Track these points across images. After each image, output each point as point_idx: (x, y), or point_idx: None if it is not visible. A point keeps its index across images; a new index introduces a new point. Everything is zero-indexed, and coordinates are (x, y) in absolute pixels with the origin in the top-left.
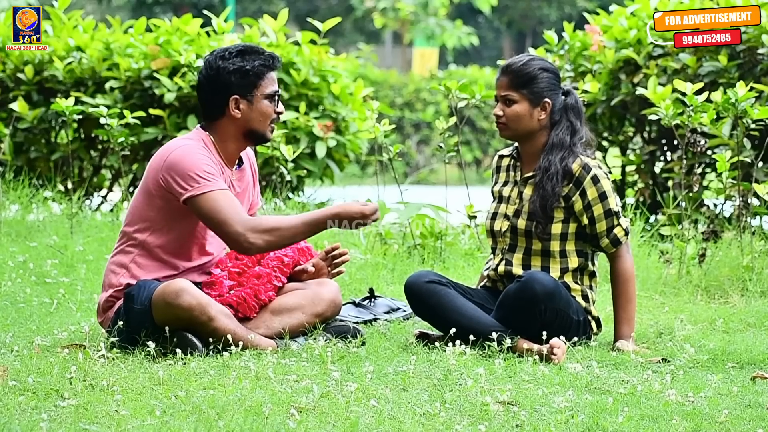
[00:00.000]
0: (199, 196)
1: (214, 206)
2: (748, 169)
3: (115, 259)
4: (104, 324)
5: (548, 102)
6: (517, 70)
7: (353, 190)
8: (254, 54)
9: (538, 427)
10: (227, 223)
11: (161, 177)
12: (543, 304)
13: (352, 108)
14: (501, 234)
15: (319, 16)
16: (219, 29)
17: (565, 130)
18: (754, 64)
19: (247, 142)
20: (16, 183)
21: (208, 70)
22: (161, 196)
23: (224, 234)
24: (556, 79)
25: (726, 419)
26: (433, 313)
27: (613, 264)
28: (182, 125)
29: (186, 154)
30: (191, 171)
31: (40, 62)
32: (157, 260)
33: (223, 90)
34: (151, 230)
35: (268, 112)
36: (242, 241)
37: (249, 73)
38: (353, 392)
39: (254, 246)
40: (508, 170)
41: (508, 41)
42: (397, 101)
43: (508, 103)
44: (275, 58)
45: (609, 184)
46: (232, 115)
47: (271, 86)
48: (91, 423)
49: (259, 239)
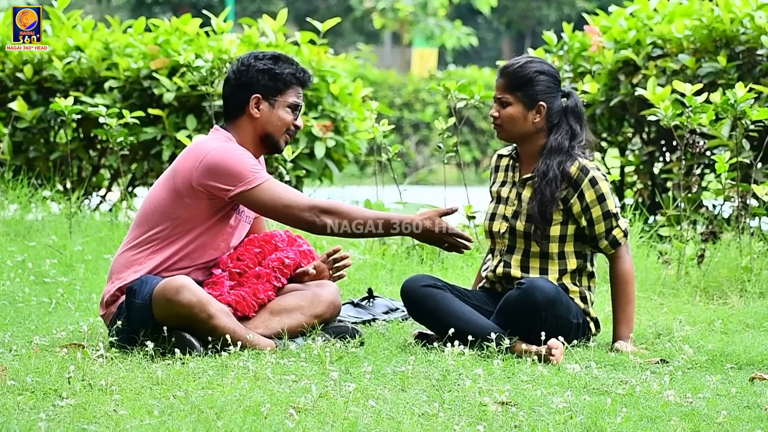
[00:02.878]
0: (253, 189)
1: (272, 195)
2: (747, 170)
3: (126, 254)
4: (106, 318)
5: (543, 105)
6: (513, 72)
7: (352, 190)
8: (288, 63)
9: (537, 427)
10: (291, 207)
11: (198, 179)
12: (544, 311)
13: (351, 108)
14: (500, 235)
15: (318, 17)
16: (218, 29)
17: (565, 134)
18: (753, 65)
19: (261, 147)
20: (15, 182)
21: (239, 65)
22: (193, 195)
23: (292, 218)
24: (554, 82)
25: (724, 420)
26: (430, 317)
27: (613, 265)
28: (181, 125)
29: (225, 151)
30: (237, 167)
31: (39, 62)
32: (168, 255)
33: (248, 87)
34: (173, 226)
35: (286, 120)
36: (310, 219)
37: (277, 78)
38: (352, 392)
39: (327, 226)
40: (507, 170)
41: (508, 42)
42: (396, 101)
43: (503, 105)
44: (307, 74)
45: (607, 186)
46: (252, 114)
47: (295, 97)
48: (89, 422)
49: (327, 219)
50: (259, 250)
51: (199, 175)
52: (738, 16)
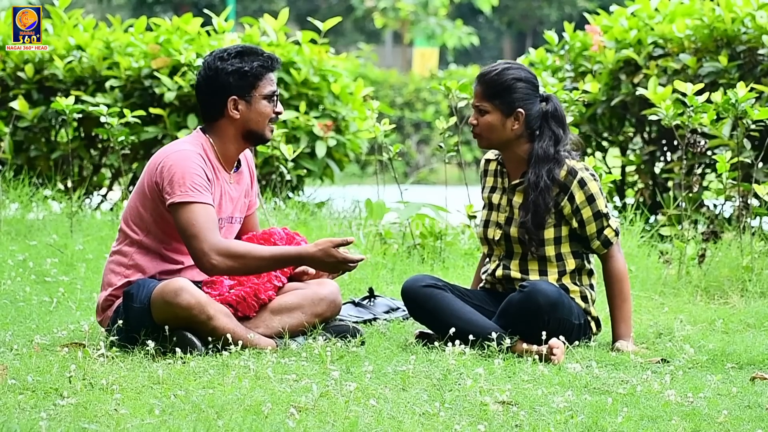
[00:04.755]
0: (180, 204)
1: (190, 218)
2: (748, 170)
3: (114, 259)
4: (103, 323)
5: (521, 112)
6: (491, 80)
7: (353, 190)
8: (253, 55)
9: (538, 427)
10: (197, 238)
11: (155, 179)
12: (546, 315)
13: (352, 107)
14: (495, 242)
15: (319, 16)
16: (219, 28)
17: (549, 140)
18: (754, 64)
19: (246, 143)
20: (16, 182)
21: (206, 71)
22: (153, 198)
23: (191, 248)
24: (532, 88)
25: (725, 420)
26: (430, 318)
27: (606, 265)
28: (182, 124)
29: (180, 160)
30: (181, 178)
31: (41, 61)
32: (155, 258)
33: (221, 91)
34: (146, 230)
35: (266, 113)
36: (206, 260)
37: (247, 74)
38: (352, 392)
39: (216, 268)
40: (496, 175)
41: (509, 41)
42: (397, 101)
43: (481, 113)
44: (274, 59)
45: (596, 186)
46: (231, 116)
47: (269, 86)
48: (90, 422)
49: (222, 263)
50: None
51: (156, 176)
52: (739, 16)
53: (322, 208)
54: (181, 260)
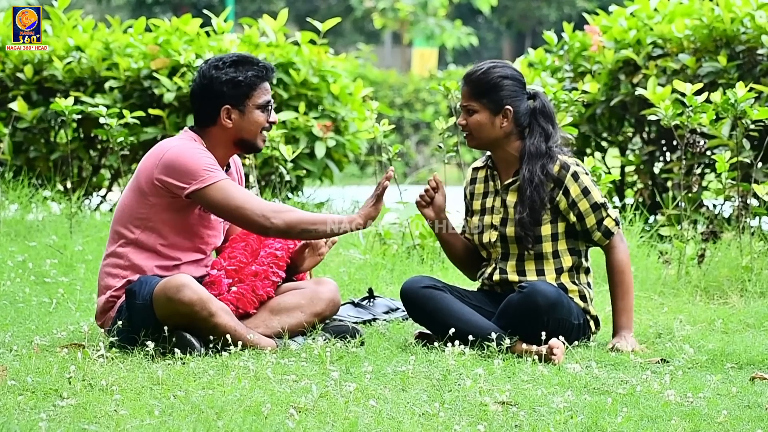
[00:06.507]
0: (206, 188)
1: (225, 194)
2: (747, 170)
3: (109, 261)
4: (105, 325)
5: (509, 110)
6: (477, 79)
7: (352, 190)
8: (248, 64)
9: (537, 427)
10: (243, 207)
11: (157, 176)
12: (546, 315)
13: (352, 108)
14: (491, 245)
15: (318, 16)
16: (219, 29)
17: (539, 136)
18: (753, 64)
19: (236, 150)
20: (15, 183)
21: (201, 79)
22: (155, 194)
23: (243, 217)
24: (518, 85)
25: (725, 420)
26: (430, 319)
27: (609, 256)
28: (182, 125)
29: (183, 151)
30: (192, 166)
31: (40, 62)
32: (151, 255)
33: (215, 99)
34: (143, 227)
35: (259, 122)
36: (263, 221)
37: (241, 84)
38: (352, 392)
39: (274, 226)
40: (486, 181)
41: (508, 42)
42: (396, 101)
43: (469, 113)
44: (269, 69)
45: (589, 179)
46: (224, 125)
47: (263, 96)
48: (90, 423)
49: (279, 219)
50: (244, 243)
51: (158, 172)
52: (738, 16)
53: (322, 209)
54: (177, 256)
